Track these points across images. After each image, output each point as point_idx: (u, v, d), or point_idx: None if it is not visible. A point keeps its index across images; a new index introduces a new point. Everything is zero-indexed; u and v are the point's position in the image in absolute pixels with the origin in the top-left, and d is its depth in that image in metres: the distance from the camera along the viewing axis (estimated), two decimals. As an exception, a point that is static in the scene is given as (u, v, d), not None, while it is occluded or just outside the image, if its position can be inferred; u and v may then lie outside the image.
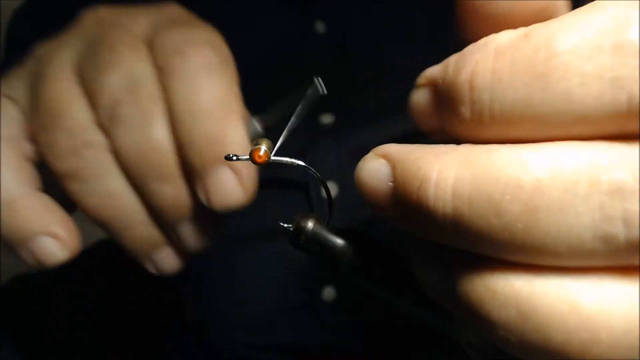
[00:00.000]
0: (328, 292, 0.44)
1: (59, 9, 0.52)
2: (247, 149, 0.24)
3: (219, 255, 0.44)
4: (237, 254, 0.45)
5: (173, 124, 0.26)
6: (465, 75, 0.16)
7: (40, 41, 0.30)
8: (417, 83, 0.19)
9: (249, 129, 0.27)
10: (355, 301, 0.44)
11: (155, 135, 0.26)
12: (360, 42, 0.49)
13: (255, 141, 0.23)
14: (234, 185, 0.26)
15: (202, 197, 0.26)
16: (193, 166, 0.26)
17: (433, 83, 0.18)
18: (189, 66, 0.26)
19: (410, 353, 0.44)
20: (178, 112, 0.25)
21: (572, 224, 0.14)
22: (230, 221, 0.44)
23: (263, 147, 0.22)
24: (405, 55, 0.49)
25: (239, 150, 0.25)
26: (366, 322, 0.44)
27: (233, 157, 0.23)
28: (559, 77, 0.14)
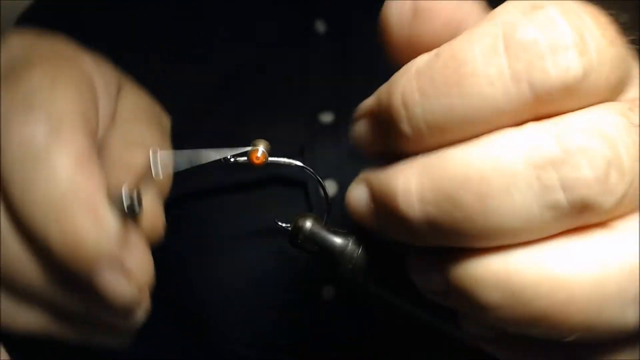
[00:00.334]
0: (328, 291, 0.44)
1: (60, 17, 0.52)
2: (118, 233, 0.19)
3: (217, 254, 0.44)
4: (236, 253, 0.45)
5: (23, 235, 0.20)
6: (397, 98, 0.18)
7: None
8: (356, 117, 0.21)
9: (122, 202, 0.20)
10: (354, 300, 0.44)
11: (11, 255, 0.20)
12: (360, 42, 0.49)
13: (253, 142, 0.23)
14: (121, 284, 0.22)
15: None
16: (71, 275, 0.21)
17: (370, 113, 0.21)
18: (11, 155, 0.19)
19: (410, 353, 0.44)
20: (22, 219, 0.19)
21: (520, 202, 0.16)
22: (229, 221, 0.44)
23: (261, 148, 0.22)
24: None
25: (109, 242, 0.19)
26: (366, 322, 0.44)
27: (231, 159, 0.22)
28: (470, 82, 0.17)
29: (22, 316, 0.22)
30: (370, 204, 0.20)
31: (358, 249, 0.22)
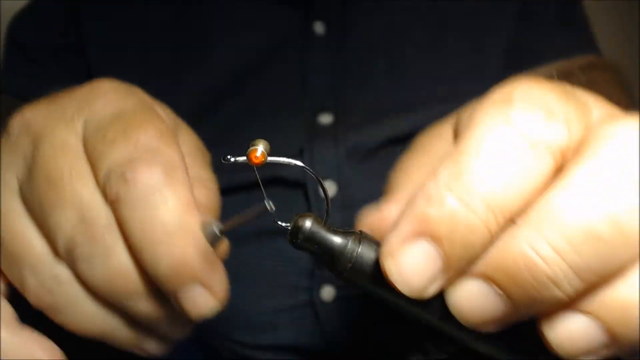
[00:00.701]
0: (327, 292, 0.44)
1: (59, 14, 0.52)
2: (209, 257, 0.25)
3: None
4: (236, 253, 0.45)
5: (133, 251, 0.25)
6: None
7: None
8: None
9: (208, 234, 0.26)
10: (354, 301, 0.44)
11: (117, 264, 0.25)
12: (360, 43, 0.49)
13: (252, 142, 0.23)
14: (207, 299, 0.25)
15: (178, 310, 0.26)
16: (163, 289, 0.25)
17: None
18: (136, 193, 0.24)
19: (410, 353, 0.44)
20: (135, 243, 0.24)
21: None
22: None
23: (260, 148, 0.22)
24: (404, 56, 0.49)
25: (204, 264, 0.25)
26: (366, 322, 0.44)
27: (230, 159, 0.22)
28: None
29: (96, 317, 0.26)
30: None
31: (357, 248, 0.22)
